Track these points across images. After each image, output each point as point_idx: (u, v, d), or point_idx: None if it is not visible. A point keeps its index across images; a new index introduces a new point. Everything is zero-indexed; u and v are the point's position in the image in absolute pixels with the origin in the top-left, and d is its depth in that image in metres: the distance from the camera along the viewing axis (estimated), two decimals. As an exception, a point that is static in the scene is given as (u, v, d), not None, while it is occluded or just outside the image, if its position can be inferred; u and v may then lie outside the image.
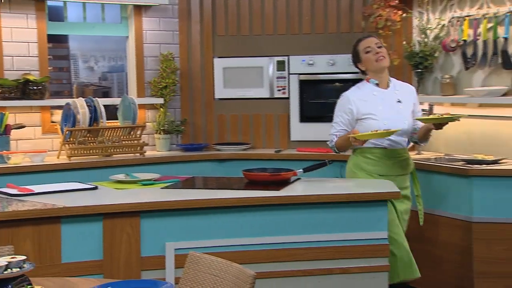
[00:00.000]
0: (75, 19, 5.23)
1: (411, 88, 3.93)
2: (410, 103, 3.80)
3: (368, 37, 3.84)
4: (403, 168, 3.77)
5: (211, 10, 5.38)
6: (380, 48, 3.74)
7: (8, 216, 2.95)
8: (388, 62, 3.78)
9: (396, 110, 3.74)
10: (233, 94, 5.40)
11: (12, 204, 3.15)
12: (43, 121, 4.91)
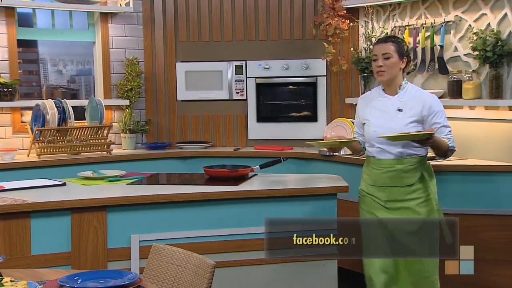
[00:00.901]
0: (44, 25, 5.13)
1: (425, 99, 3.24)
2: (415, 113, 3.20)
3: (381, 42, 3.29)
4: (393, 180, 3.23)
5: (174, 17, 5.35)
6: (386, 60, 3.20)
7: None
8: (389, 76, 3.22)
9: (391, 119, 3.23)
10: (195, 96, 5.38)
11: (-16, 200, 3.08)
12: (13, 121, 4.80)
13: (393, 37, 3.34)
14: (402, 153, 3.22)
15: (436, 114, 3.22)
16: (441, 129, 3.22)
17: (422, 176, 3.24)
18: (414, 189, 3.22)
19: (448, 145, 3.21)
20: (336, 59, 5.04)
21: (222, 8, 5.33)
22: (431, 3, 4.51)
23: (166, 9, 5.35)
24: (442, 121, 3.24)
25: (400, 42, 3.28)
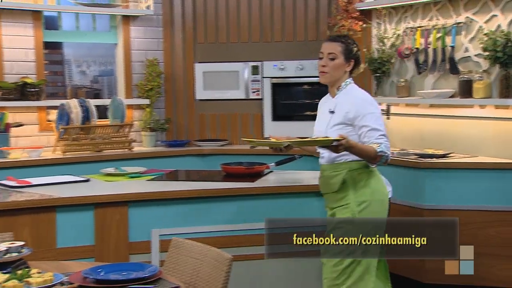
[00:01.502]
0: (69, 27, 5.18)
1: (353, 100, 2.89)
2: (341, 115, 2.87)
3: (329, 40, 2.99)
4: (323, 186, 2.99)
5: (192, 20, 5.36)
6: (331, 61, 2.90)
7: (8, 206, 2.92)
8: (330, 78, 2.92)
9: (324, 121, 2.96)
10: (212, 95, 5.39)
11: (12, 195, 3.12)
12: (39, 120, 4.84)
13: (342, 37, 3.00)
14: (330, 157, 2.90)
15: (363, 117, 2.82)
16: (370, 133, 2.81)
17: (345, 183, 2.87)
18: (340, 197, 2.88)
19: (376, 150, 2.76)
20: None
21: (239, 11, 5.33)
22: (443, 5, 4.47)
23: (185, 12, 5.36)
24: (372, 124, 2.82)
25: (349, 43, 2.94)
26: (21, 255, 2.18)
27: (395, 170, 4.27)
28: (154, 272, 2.09)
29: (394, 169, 4.27)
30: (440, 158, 4.16)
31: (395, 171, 4.27)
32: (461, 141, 4.37)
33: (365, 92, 2.97)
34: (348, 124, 2.86)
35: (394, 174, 4.27)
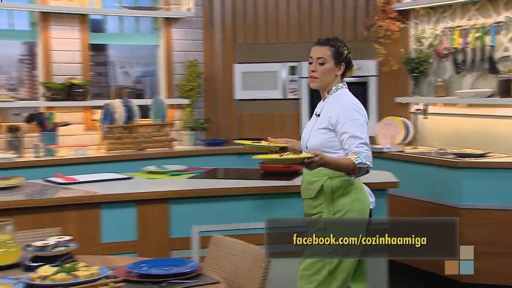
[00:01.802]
0: (113, 30, 5.26)
1: (337, 106, 2.72)
2: (325, 120, 2.74)
3: (319, 44, 2.78)
4: (302, 191, 2.84)
5: (232, 21, 5.39)
6: (321, 66, 2.74)
7: (56, 202, 2.99)
8: (320, 83, 2.77)
9: (309, 125, 2.87)
10: (251, 95, 5.40)
11: (59, 191, 3.18)
12: (85, 119, 4.94)
13: (332, 41, 2.79)
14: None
15: (345, 123, 2.66)
16: (350, 140, 2.65)
17: (322, 190, 2.71)
18: (316, 204, 2.74)
19: (354, 162, 2.59)
20: (387, 60, 4.96)
21: (278, 12, 5.33)
22: (482, 4, 4.38)
23: (224, 13, 5.39)
24: (352, 131, 2.65)
25: (339, 46, 2.78)
26: (69, 249, 2.23)
27: (433, 169, 4.22)
28: (194, 267, 2.11)
29: (432, 168, 4.22)
30: (478, 157, 4.09)
31: (433, 170, 4.22)
32: (499, 141, 4.28)
33: (353, 98, 2.78)
34: (330, 129, 2.71)
35: (431, 173, 4.24)
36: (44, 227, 2.74)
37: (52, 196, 3.06)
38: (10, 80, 5.06)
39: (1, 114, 4.78)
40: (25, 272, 2.06)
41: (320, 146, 2.71)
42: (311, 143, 2.75)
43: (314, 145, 2.73)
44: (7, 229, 2.22)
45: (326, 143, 2.72)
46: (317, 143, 2.73)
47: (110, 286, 1.93)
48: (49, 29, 4.74)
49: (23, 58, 5.15)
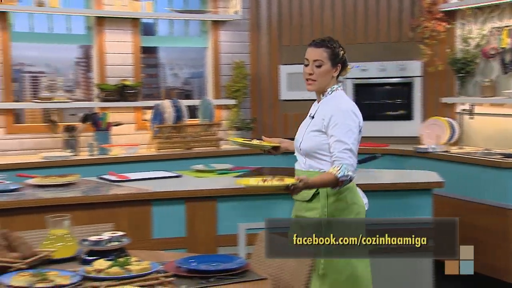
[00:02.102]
0: (163, 33, 5.35)
1: (331, 108, 2.62)
2: (318, 122, 2.64)
3: (314, 46, 2.68)
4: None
5: (278, 23, 5.40)
6: (318, 68, 2.64)
7: (110, 198, 3.05)
8: (318, 86, 2.66)
9: (304, 126, 2.74)
10: (296, 96, 5.40)
11: (112, 188, 3.25)
12: (136, 119, 5.03)
13: (327, 42, 2.69)
14: (306, 164, 2.68)
15: (335, 126, 2.56)
16: (335, 144, 2.54)
17: (318, 194, 2.62)
18: (311, 207, 2.65)
19: (336, 177, 2.47)
20: (432, 60, 4.88)
21: (323, 14, 5.31)
22: (530, 4, 4.26)
23: (271, 16, 5.41)
24: (340, 135, 2.54)
25: (335, 47, 2.68)
26: (122, 244, 2.28)
27: (479, 170, 4.13)
28: (242, 264, 2.13)
29: (478, 168, 4.13)
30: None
31: (479, 170, 4.13)
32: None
33: (349, 101, 2.70)
34: (323, 132, 2.61)
35: (477, 173, 4.14)
36: (99, 223, 2.83)
37: (106, 193, 3.13)
38: (67, 82, 5.21)
39: (59, 114, 4.93)
40: (81, 265, 2.12)
41: (314, 148, 2.63)
42: (304, 145, 2.67)
43: (307, 147, 2.65)
44: (65, 224, 2.29)
45: (319, 145, 2.62)
46: (310, 145, 2.64)
47: (161, 280, 1.98)
48: (104, 32, 4.86)
49: (79, 61, 5.29)
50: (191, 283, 1.98)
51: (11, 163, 4.13)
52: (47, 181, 3.25)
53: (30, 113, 4.98)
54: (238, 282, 2.02)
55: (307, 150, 2.65)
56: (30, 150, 4.59)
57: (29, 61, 5.10)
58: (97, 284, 1.92)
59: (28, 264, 2.05)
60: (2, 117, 4.53)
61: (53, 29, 4.83)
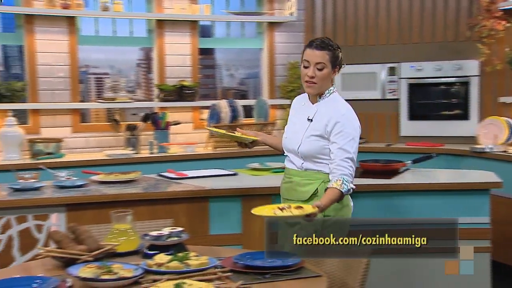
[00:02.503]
0: (220, 35, 5.40)
1: (334, 113, 2.58)
2: (320, 127, 2.59)
3: (316, 48, 2.57)
4: (288, 192, 2.73)
5: (332, 24, 5.35)
6: (320, 71, 2.56)
7: (169, 195, 3.09)
8: (319, 89, 2.61)
9: (300, 128, 2.67)
10: (350, 95, 5.29)
11: (171, 185, 3.29)
12: (194, 118, 5.09)
13: (329, 44, 2.59)
14: (303, 165, 2.65)
15: (339, 133, 2.53)
16: (337, 151, 2.52)
17: (316, 194, 2.60)
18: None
19: (341, 192, 2.47)
20: (490, 60, 4.71)
21: (378, 14, 5.23)
22: None
23: (325, 17, 5.37)
24: (343, 143, 2.52)
25: (335, 49, 2.61)
26: (181, 239, 2.31)
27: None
28: (297, 261, 2.12)
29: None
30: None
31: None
32: None
33: (348, 107, 2.65)
34: (325, 138, 2.58)
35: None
36: (158, 218, 2.87)
37: (165, 189, 3.18)
38: (129, 82, 5.33)
39: (121, 114, 5.05)
40: (143, 259, 2.17)
41: (315, 153, 2.61)
42: (304, 149, 2.62)
43: (307, 151, 2.62)
44: (127, 219, 2.34)
45: (320, 150, 2.59)
46: (311, 150, 2.61)
47: (218, 275, 1.99)
48: (164, 35, 4.94)
49: (140, 63, 5.41)
50: (247, 279, 1.98)
51: (77, 160, 4.26)
52: (110, 178, 3.33)
53: (94, 113, 5.13)
54: (294, 278, 2.01)
55: (307, 154, 2.62)
56: (95, 148, 4.73)
57: (94, 63, 5.24)
58: (158, 277, 1.95)
59: (94, 256, 2.11)
60: (69, 116, 4.68)
61: (116, 32, 4.95)
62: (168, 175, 3.54)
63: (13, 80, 4.55)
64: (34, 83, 4.56)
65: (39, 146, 4.37)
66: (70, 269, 1.98)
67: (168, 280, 1.88)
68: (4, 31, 4.67)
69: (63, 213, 2.91)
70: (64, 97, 4.66)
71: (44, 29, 4.55)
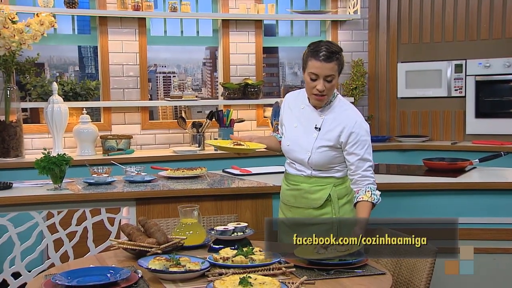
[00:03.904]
0: (284, 33, 5.39)
1: (348, 123, 2.47)
2: (332, 137, 2.49)
3: (325, 61, 2.39)
4: (296, 199, 2.60)
5: (397, 22, 5.24)
6: (329, 83, 2.43)
7: (233, 191, 3.11)
8: (326, 101, 2.50)
9: (306, 136, 2.54)
10: (414, 93, 5.22)
11: (235, 182, 3.32)
12: (257, 116, 5.12)
13: (336, 53, 2.42)
14: (311, 173, 2.54)
15: (356, 144, 2.45)
16: (358, 163, 2.45)
17: (329, 200, 2.52)
18: (319, 213, 2.53)
19: (373, 203, 2.42)
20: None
21: (444, 11, 5.07)
22: None
23: (390, 14, 5.26)
24: (363, 152, 2.45)
25: (341, 55, 2.46)
26: (245, 234, 2.32)
27: None
28: (361, 258, 2.09)
29: None
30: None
31: None
32: None
33: (356, 111, 2.55)
34: (334, 147, 2.49)
35: None
36: (223, 213, 2.90)
37: (230, 185, 3.20)
38: (195, 81, 5.42)
39: (187, 112, 5.14)
40: (209, 253, 2.20)
41: (326, 164, 2.51)
42: (315, 160, 2.51)
43: (319, 162, 2.51)
44: (194, 214, 2.37)
45: (332, 160, 2.51)
46: (323, 161, 2.51)
47: (283, 270, 1.99)
48: (229, 34, 4.99)
49: (206, 62, 5.48)
50: (311, 275, 1.98)
51: (146, 156, 4.37)
52: (177, 174, 3.39)
53: (162, 111, 5.24)
54: (358, 275, 1.98)
55: (318, 165, 2.52)
56: (162, 145, 4.83)
57: (162, 62, 5.36)
58: (224, 271, 1.97)
59: (163, 249, 2.16)
60: (138, 114, 4.81)
61: (183, 33, 5.04)
62: (233, 171, 3.58)
63: (88, 79, 4.72)
64: (106, 82, 4.71)
65: (111, 142, 4.51)
66: (140, 261, 2.03)
67: (233, 274, 1.90)
68: (79, 33, 4.84)
69: (133, 207, 2.99)
70: (134, 95, 4.79)
71: (116, 30, 4.69)
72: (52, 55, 4.96)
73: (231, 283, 1.75)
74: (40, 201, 2.89)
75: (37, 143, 4.50)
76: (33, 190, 3.02)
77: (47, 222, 2.91)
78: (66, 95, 4.50)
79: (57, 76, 4.89)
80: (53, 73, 4.95)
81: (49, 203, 2.90)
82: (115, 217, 3.00)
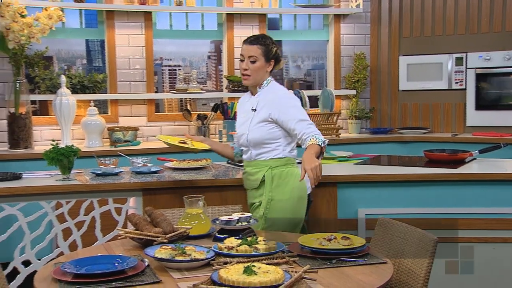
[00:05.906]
0: (287, 27, 5.37)
1: (273, 98, 2.72)
2: (263, 113, 2.72)
3: (248, 43, 2.75)
4: (245, 182, 2.87)
5: (399, 15, 5.21)
6: (252, 64, 2.72)
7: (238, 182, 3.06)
8: (253, 80, 2.76)
9: (247, 119, 2.79)
10: (415, 86, 5.20)
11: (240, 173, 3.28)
12: (261, 108, 5.10)
13: (261, 39, 2.77)
14: (253, 154, 2.79)
15: (287, 111, 2.67)
16: (298, 124, 2.65)
17: (264, 180, 2.74)
18: (258, 194, 2.78)
19: (320, 146, 2.56)
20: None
21: (445, 4, 5.04)
22: None
23: (392, 8, 5.23)
24: (297, 115, 2.67)
25: (268, 44, 2.75)
26: (249, 224, 2.32)
27: None
28: (363, 247, 2.09)
29: None
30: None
31: None
32: None
33: (284, 88, 2.86)
34: (271, 121, 2.72)
35: None
36: (228, 204, 2.90)
37: (234, 176, 3.19)
38: (200, 74, 5.41)
39: (192, 104, 5.14)
40: (214, 242, 2.20)
41: (262, 138, 2.73)
42: (252, 136, 2.74)
43: (255, 138, 2.74)
44: (199, 204, 2.37)
45: (266, 134, 2.73)
46: (258, 135, 2.73)
47: (286, 259, 1.99)
48: (233, 28, 4.97)
49: (211, 55, 5.47)
50: (314, 264, 1.97)
51: (152, 147, 4.37)
52: (183, 165, 3.39)
53: (168, 103, 5.24)
54: (359, 264, 1.98)
55: (255, 141, 2.75)
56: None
57: (168, 55, 5.35)
58: (229, 260, 1.97)
59: (169, 239, 2.16)
60: (144, 106, 4.80)
61: (188, 26, 5.02)
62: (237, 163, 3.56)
63: (95, 72, 4.72)
64: (113, 75, 4.70)
65: (117, 134, 4.51)
66: (147, 250, 2.04)
67: (238, 263, 1.90)
68: (87, 27, 4.84)
69: (140, 197, 2.99)
70: (140, 88, 4.78)
71: (123, 24, 4.68)
72: (60, 49, 4.95)
73: (236, 272, 1.75)
74: (49, 191, 2.90)
75: (46, 135, 4.50)
76: (42, 180, 3.03)
77: (56, 212, 2.93)
78: (74, 88, 4.50)
79: (65, 69, 4.88)
80: (61, 66, 4.94)
81: (58, 193, 2.91)
82: (122, 207, 3.00)
